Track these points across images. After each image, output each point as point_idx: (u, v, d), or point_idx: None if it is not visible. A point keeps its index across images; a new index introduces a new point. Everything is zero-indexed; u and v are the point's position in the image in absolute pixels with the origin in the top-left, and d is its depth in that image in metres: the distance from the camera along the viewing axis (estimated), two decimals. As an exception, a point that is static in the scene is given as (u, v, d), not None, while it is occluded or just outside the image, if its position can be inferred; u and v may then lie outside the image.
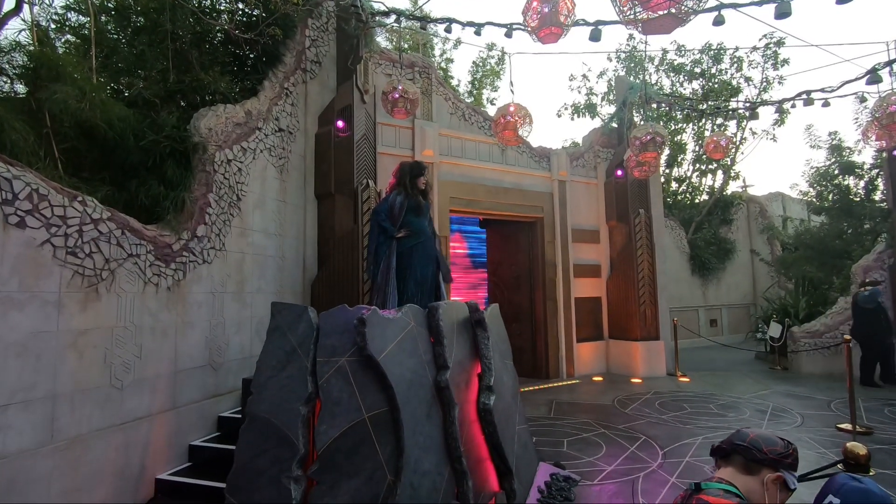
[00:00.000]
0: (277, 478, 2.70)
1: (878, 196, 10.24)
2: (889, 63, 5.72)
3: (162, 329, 3.74)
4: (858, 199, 10.38)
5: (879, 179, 10.13)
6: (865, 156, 10.91)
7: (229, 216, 4.48)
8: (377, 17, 6.00)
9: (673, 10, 2.64)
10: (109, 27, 5.08)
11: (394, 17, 5.85)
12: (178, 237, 3.90)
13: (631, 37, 13.72)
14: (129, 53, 4.89)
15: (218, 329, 4.32)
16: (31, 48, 3.86)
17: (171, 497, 3.52)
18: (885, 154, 8.28)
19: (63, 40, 4.92)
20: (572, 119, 14.39)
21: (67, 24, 4.90)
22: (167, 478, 3.61)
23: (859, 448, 3.78)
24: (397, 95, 5.25)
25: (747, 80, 13.19)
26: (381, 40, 9.21)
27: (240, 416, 4.08)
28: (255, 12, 5.55)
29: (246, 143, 4.73)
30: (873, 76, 5.65)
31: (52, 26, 4.81)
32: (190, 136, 4.23)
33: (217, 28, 5.30)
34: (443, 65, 13.31)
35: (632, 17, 2.73)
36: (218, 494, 2.95)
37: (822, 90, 6.37)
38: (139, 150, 4.02)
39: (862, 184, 10.60)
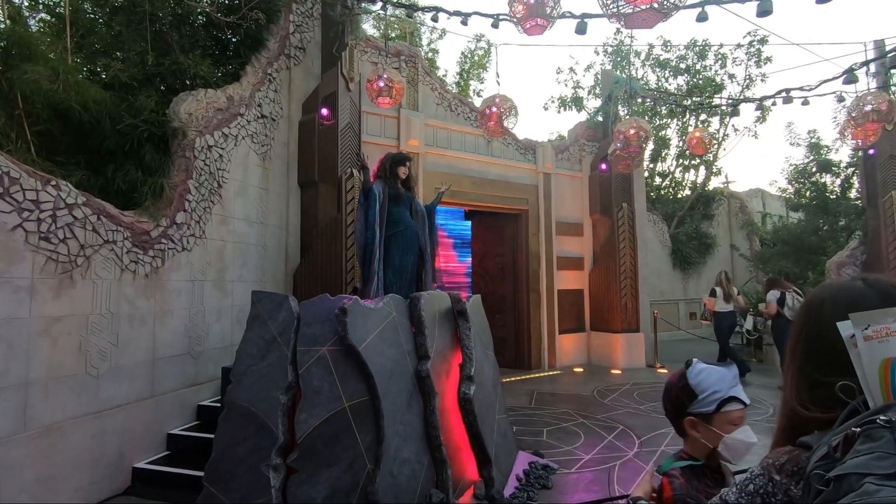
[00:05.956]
0: (257, 466, 2.70)
1: (853, 194, 10.48)
2: (865, 63, 5.84)
3: (140, 317, 3.69)
4: (834, 196, 10.61)
5: (855, 178, 10.37)
6: (842, 154, 11.13)
7: (210, 203, 4.41)
8: (363, 4, 5.91)
9: (655, 6, 2.66)
10: (86, 6, 4.92)
11: (380, 3, 5.77)
12: (156, 224, 3.83)
13: (618, 31, 13.76)
14: (106, 34, 4.75)
15: (198, 317, 4.28)
16: (2, 26, 3.73)
17: (148, 486, 3.50)
18: (860, 153, 8.47)
19: (37, 19, 4.77)
20: (559, 112, 14.36)
21: (41, 1, 4.75)
22: (145, 466, 3.58)
23: None
24: (382, 84, 5.18)
25: (731, 76, 13.36)
26: (368, 27, 9.09)
27: (219, 404, 4.05)
28: (238, -5, 5.43)
29: (227, 129, 4.65)
30: (850, 76, 5.76)
31: (25, 3, 4.65)
32: (169, 120, 4.14)
33: (198, 10, 5.17)
34: (430, 55, 13.19)
35: (615, 10, 2.74)
36: (196, 483, 2.93)
37: (802, 89, 6.47)
38: (116, 134, 3.92)
39: (838, 182, 10.84)
